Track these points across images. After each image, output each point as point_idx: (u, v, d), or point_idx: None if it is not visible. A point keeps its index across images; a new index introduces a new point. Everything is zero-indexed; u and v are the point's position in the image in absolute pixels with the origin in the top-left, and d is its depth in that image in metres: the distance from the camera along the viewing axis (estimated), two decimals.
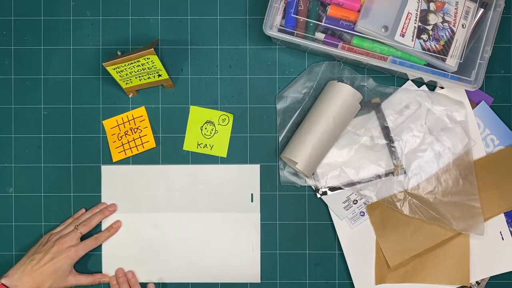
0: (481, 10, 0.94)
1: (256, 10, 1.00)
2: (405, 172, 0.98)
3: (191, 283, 1.00)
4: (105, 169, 1.00)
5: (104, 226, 1.00)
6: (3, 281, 0.91)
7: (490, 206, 0.98)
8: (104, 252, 1.00)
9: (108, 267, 1.00)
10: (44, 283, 0.93)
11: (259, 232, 0.99)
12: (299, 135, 0.95)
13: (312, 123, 0.94)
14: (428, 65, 0.94)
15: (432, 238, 0.98)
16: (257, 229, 1.00)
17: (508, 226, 0.99)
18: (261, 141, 1.00)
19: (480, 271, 0.98)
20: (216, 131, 1.00)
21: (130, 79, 0.97)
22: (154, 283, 0.99)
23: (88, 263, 1.00)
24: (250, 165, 1.00)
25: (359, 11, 0.93)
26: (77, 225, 0.97)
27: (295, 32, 0.94)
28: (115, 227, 1.00)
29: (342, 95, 0.94)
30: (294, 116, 0.99)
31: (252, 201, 0.99)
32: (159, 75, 0.97)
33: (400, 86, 1.00)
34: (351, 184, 0.98)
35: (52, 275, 0.93)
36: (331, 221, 1.00)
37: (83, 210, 1.00)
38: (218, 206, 1.00)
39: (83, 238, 0.97)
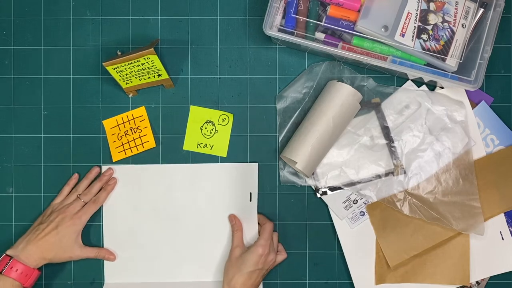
0: (481, 10, 0.94)
1: (256, 10, 1.00)
2: (405, 172, 0.98)
3: (191, 282, 1.00)
4: (106, 169, 1.00)
5: None
6: (8, 252, 0.91)
7: (490, 206, 0.98)
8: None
9: (109, 267, 1.00)
10: (49, 251, 0.92)
11: (256, 232, 0.99)
12: (299, 135, 0.95)
13: (312, 123, 0.94)
14: (428, 65, 0.94)
15: (432, 238, 0.97)
16: (254, 226, 0.99)
17: (508, 226, 0.99)
18: (261, 141, 1.00)
19: (480, 271, 0.98)
20: (216, 131, 1.00)
21: (130, 79, 0.97)
22: (154, 283, 0.99)
23: (88, 261, 1.00)
24: (248, 163, 1.00)
25: (359, 11, 0.93)
26: (79, 195, 0.97)
27: (295, 32, 0.94)
28: (111, 184, 0.99)
29: (342, 95, 0.94)
30: (294, 116, 0.99)
31: (250, 200, 0.99)
32: (159, 75, 0.97)
33: (400, 86, 0.99)
34: (351, 184, 0.98)
35: (57, 244, 0.93)
36: (331, 221, 0.99)
37: (77, 175, 1.00)
38: (216, 206, 0.99)
39: None
